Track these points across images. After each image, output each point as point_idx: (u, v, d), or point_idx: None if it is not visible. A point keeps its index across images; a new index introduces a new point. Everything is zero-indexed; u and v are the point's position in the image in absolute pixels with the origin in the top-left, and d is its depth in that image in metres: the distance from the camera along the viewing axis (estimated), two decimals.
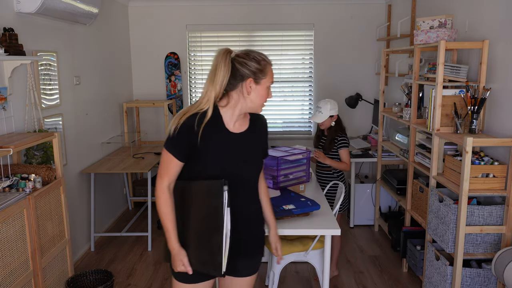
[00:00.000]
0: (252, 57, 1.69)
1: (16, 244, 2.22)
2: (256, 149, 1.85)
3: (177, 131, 1.65)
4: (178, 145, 1.67)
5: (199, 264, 1.71)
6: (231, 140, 1.74)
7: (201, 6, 4.99)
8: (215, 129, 1.70)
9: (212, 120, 1.68)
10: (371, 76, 5.11)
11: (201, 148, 1.67)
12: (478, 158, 2.51)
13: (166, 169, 1.70)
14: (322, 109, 3.11)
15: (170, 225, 1.70)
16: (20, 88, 2.87)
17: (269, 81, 1.74)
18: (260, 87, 1.71)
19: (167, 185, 1.70)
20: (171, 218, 1.70)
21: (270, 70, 1.73)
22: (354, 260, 3.64)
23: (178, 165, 1.70)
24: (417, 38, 3.04)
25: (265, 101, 1.77)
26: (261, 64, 1.70)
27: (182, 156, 1.69)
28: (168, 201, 1.70)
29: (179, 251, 1.71)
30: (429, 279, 2.85)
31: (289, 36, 5.10)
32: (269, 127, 5.20)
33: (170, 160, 1.69)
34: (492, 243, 2.53)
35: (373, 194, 4.29)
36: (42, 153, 2.86)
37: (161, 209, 1.70)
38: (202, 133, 1.65)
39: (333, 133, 3.18)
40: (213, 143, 1.69)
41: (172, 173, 1.70)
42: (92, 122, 4.02)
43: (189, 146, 1.67)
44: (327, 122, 3.16)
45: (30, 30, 2.99)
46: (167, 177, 1.70)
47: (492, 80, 2.69)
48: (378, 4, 4.97)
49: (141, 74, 5.14)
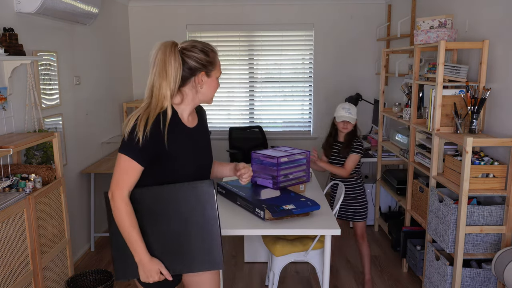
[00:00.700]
0: (200, 49, 1.64)
1: (16, 244, 2.22)
2: (208, 139, 1.85)
3: (146, 137, 1.55)
4: (144, 152, 1.57)
5: (196, 264, 1.67)
6: (191, 136, 1.72)
7: (201, 6, 4.99)
8: (177, 129, 1.66)
9: (172, 120, 1.63)
10: (371, 76, 5.11)
11: (170, 151, 1.62)
12: (478, 158, 2.51)
13: (127, 177, 1.58)
14: (351, 110, 2.99)
15: (138, 236, 1.60)
16: (20, 88, 2.87)
17: (219, 72, 1.71)
18: (211, 80, 1.68)
19: (127, 195, 1.60)
20: (138, 229, 1.60)
21: (218, 60, 1.71)
22: (354, 260, 3.64)
23: (139, 173, 1.60)
24: (417, 38, 3.04)
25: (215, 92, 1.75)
26: (209, 55, 1.66)
27: (146, 162, 1.60)
28: (131, 212, 1.59)
29: (151, 261, 1.62)
30: (429, 279, 2.85)
31: (289, 36, 5.10)
32: (269, 127, 5.28)
33: (133, 168, 1.58)
34: (492, 243, 2.53)
35: (373, 194, 4.29)
36: (42, 153, 2.86)
37: (124, 221, 1.58)
38: (168, 136, 1.60)
39: (352, 137, 3.02)
40: (179, 144, 1.66)
41: (133, 182, 1.60)
42: (92, 122, 4.02)
43: (155, 151, 1.59)
44: (351, 126, 3.02)
45: (30, 30, 2.99)
46: (128, 186, 1.59)
47: (492, 80, 2.69)
48: (378, 4, 4.97)
49: (141, 74, 5.14)
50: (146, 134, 1.55)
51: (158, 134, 1.58)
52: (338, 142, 3.08)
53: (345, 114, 2.97)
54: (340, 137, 3.07)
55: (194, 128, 1.75)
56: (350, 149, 2.99)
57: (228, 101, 5.27)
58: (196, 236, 1.66)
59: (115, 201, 1.59)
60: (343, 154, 3.02)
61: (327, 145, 3.14)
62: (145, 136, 1.55)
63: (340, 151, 3.04)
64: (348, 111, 2.98)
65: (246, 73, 5.20)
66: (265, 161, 2.60)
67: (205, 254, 1.67)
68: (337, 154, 3.06)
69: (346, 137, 3.04)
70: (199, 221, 1.66)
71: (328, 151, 3.11)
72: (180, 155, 1.66)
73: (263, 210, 2.24)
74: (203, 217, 1.66)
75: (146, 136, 1.55)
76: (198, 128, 1.77)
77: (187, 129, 1.71)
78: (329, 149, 3.11)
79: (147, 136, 1.55)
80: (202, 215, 1.65)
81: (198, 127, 1.77)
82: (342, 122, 2.99)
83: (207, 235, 1.66)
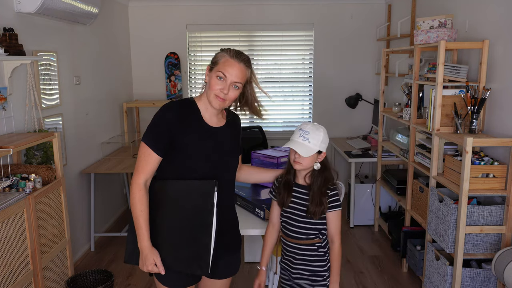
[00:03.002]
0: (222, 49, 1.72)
1: (16, 244, 2.22)
2: (236, 144, 1.84)
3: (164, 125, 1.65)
4: (159, 140, 1.65)
5: (181, 264, 1.68)
6: (213, 135, 1.73)
7: (201, 6, 4.99)
8: (196, 123, 1.71)
9: (193, 114, 1.71)
10: (371, 76, 5.11)
11: (183, 143, 1.67)
12: (478, 158, 2.51)
13: (144, 164, 1.66)
14: (311, 136, 1.79)
15: (144, 223, 1.65)
16: (20, 88, 2.87)
17: (218, 70, 1.66)
18: (211, 75, 1.68)
19: (144, 182, 1.66)
20: (145, 216, 1.65)
21: (225, 62, 1.66)
22: (354, 260, 3.64)
23: (156, 161, 1.66)
24: (417, 38, 3.04)
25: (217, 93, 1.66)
26: (218, 54, 1.70)
27: (161, 151, 1.65)
28: (143, 199, 1.65)
29: (151, 250, 1.66)
30: (429, 279, 2.85)
31: (289, 36, 5.09)
32: (269, 127, 5.28)
33: (149, 155, 1.65)
34: (492, 243, 2.53)
35: (373, 194, 4.29)
36: (42, 153, 2.86)
37: (136, 206, 1.64)
38: (185, 128, 1.67)
39: (321, 183, 1.83)
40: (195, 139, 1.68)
41: (150, 169, 1.66)
42: (92, 122, 4.02)
43: (170, 140, 1.66)
44: (309, 161, 1.81)
45: (30, 30, 2.99)
46: (144, 173, 1.66)
47: (492, 80, 2.69)
48: (378, 4, 4.97)
49: (141, 74, 5.14)
50: (164, 122, 1.63)
51: (175, 123, 1.64)
52: (299, 185, 1.90)
53: (298, 140, 1.80)
54: (299, 177, 1.90)
55: (219, 128, 1.75)
56: (323, 204, 1.81)
57: None
58: (189, 237, 1.66)
59: (131, 186, 1.66)
60: (315, 215, 1.82)
61: (284, 187, 1.90)
62: (163, 124, 1.63)
63: (309, 209, 1.82)
64: (303, 135, 1.79)
65: None
66: (265, 161, 2.60)
67: (194, 257, 1.66)
68: (298, 207, 1.87)
69: (312, 179, 1.85)
70: (196, 223, 1.65)
71: (285, 197, 1.89)
72: (194, 150, 1.67)
73: (263, 210, 2.24)
74: (200, 219, 1.65)
75: (164, 124, 1.63)
76: (224, 130, 1.77)
77: (207, 126, 1.72)
78: (287, 194, 1.89)
79: (164, 124, 1.63)
80: (199, 217, 1.65)
81: (224, 129, 1.77)
82: (292, 151, 1.84)
83: (200, 238, 1.65)
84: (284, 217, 1.92)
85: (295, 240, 1.89)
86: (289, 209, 1.89)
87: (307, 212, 1.83)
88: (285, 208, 1.90)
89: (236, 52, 1.69)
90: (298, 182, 1.90)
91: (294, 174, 1.90)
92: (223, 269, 1.82)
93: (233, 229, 1.87)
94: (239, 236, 1.91)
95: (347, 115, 5.16)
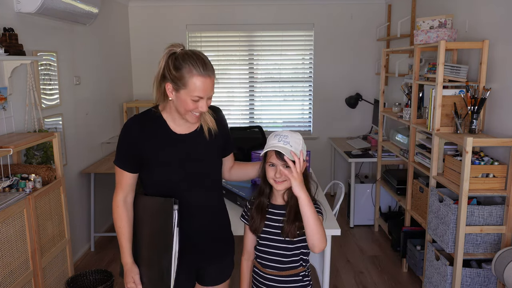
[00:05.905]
0: (181, 60, 1.47)
1: (16, 244, 2.22)
2: (212, 146, 1.67)
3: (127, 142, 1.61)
4: (125, 158, 1.62)
5: (152, 283, 1.63)
6: (179, 142, 1.62)
7: (201, 6, 4.99)
8: (161, 133, 1.61)
9: (156, 124, 1.61)
10: (371, 76, 5.11)
11: (150, 156, 1.59)
12: (478, 158, 2.51)
13: (118, 181, 1.63)
14: (291, 140, 1.55)
15: (124, 239, 1.62)
16: (20, 88, 2.87)
17: (192, 95, 1.48)
18: (179, 95, 1.50)
19: (121, 198, 1.62)
20: (124, 232, 1.62)
21: (197, 82, 1.46)
22: (354, 260, 3.64)
23: (129, 178, 1.62)
24: (417, 38, 3.04)
25: (192, 110, 1.52)
26: (181, 73, 1.46)
27: (131, 168, 1.62)
28: (123, 215, 1.61)
29: (131, 267, 1.63)
30: (429, 279, 2.85)
31: (289, 36, 5.09)
32: (269, 127, 5.28)
33: (120, 173, 1.62)
34: (492, 243, 2.53)
35: (373, 194, 4.29)
36: (42, 153, 2.86)
37: (115, 223, 1.62)
38: (149, 140, 1.60)
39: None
40: (160, 150, 1.59)
41: (126, 186, 1.62)
42: (92, 122, 4.02)
43: (135, 155, 1.60)
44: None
45: (30, 30, 2.99)
46: (120, 190, 1.63)
47: (492, 80, 2.69)
48: (378, 4, 4.97)
49: (141, 74, 5.14)
50: (126, 140, 1.59)
51: (137, 137, 1.58)
52: (275, 206, 1.65)
53: (278, 144, 1.54)
54: (277, 196, 1.65)
55: (188, 135, 1.63)
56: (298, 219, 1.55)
57: (228, 101, 5.27)
58: (154, 257, 1.62)
59: (112, 203, 1.65)
60: (288, 228, 1.57)
61: (256, 211, 1.65)
62: (125, 143, 1.59)
63: (284, 229, 1.58)
64: (284, 139, 1.55)
65: (246, 73, 5.20)
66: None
67: (158, 278, 1.60)
68: (275, 231, 1.62)
69: (291, 193, 1.55)
70: (160, 243, 1.59)
71: (257, 223, 1.65)
72: (164, 159, 1.59)
73: None
74: (163, 239, 1.57)
75: (126, 142, 1.59)
76: (197, 134, 1.64)
77: (175, 135, 1.61)
78: (260, 218, 1.64)
79: (127, 142, 1.59)
80: (162, 237, 1.58)
81: (196, 134, 1.64)
82: (272, 168, 1.57)
83: (163, 260, 1.58)
84: (260, 245, 1.65)
85: (275, 272, 1.62)
86: (265, 234, 1.63)
87: (282, 232, 1.58)
88: (260, 235, 1.64)
89: (203, 64, 1.48)
90: (275, 202, 1.64)
91: (268, 195, 1.65)
92: (215, 276, 1.78)
93: (224, 233, 1.79)
94: (230, 240, 1.82)
95: (347, 115, 5.16)
